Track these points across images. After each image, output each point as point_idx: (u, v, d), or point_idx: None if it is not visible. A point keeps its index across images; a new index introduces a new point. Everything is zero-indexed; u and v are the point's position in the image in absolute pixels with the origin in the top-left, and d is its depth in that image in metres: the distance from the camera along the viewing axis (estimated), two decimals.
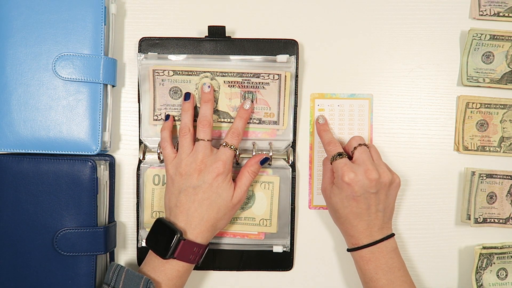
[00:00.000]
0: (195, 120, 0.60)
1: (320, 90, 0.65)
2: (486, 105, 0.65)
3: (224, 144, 0.58)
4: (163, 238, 0.55)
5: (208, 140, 0.58)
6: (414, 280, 0.59)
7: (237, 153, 0.59)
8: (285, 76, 0.61)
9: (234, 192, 0.57)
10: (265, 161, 0.60)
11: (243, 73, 0.61)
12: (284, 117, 0.62)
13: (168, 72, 0.61)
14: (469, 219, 0.65)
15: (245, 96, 0.61)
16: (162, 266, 0.55)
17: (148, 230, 0.62)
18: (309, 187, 0.65)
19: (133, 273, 0.55)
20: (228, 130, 0.59)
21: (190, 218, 0.56)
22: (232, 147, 0.58)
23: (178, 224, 0.56)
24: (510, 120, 0.65)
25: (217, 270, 0.65)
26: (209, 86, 0.60)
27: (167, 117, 0.61)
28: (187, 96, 0.60)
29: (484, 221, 0.65)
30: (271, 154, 0.61)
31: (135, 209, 0.64)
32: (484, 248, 0.64)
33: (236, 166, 0.62)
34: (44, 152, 0.59)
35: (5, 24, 0.59)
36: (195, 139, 0.58)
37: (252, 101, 0.61)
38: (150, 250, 0.57)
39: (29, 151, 0.59)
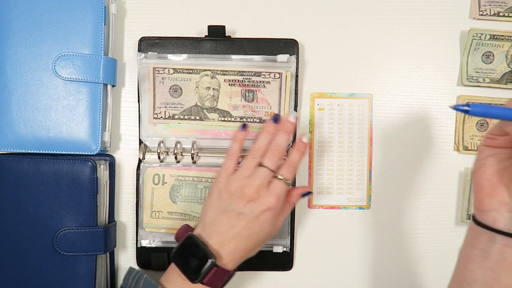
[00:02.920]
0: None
1: (320, 89, 0.65)
2: None
3: (281, 177, 0.55)
4: (194, 260, 0.51)
5: (271, 170, 0.55)
6: (414, 281, 0.59)
7: (289, 187, 0.57)
8: (286, 75, 0.61)
9: (278, 228, 0.56)
10: (306, 195, 0.59)
11: (244, 71, 0.61)
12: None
13: (169, 70, 0.61)
14: (469, 219, 0.64)
15: (245, 95, 0.61)
16: None
17: (147, 230, 0.63)
18: (308, 186, 0.65)
19: (151, 282, 0.53)
20: (285, 162, 0.56)
21: (226, 243, 0.52)
22: (288, 181, 0.55)
23: (211, 246, 0.52)
24: None
25: None
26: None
27: (244, 126, 0.59)
28: (276, 118, 0.58)
29: None
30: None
31: (135, 209, 0.64)
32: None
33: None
34: (44, 152, 0.59)
35: (5, 24, 0.59)
36: (259, 163, 0.55)
37: (253, 100, 0.61)
38: (172, 265, 0.54)
39: (29, 151, 0.59)
